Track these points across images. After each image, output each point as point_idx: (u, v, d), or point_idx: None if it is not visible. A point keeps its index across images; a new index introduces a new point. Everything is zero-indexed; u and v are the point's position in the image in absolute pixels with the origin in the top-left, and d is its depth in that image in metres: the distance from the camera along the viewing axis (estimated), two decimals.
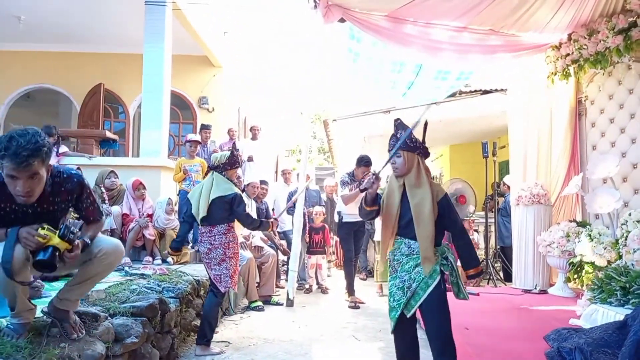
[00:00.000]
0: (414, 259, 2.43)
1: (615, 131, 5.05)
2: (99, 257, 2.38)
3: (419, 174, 2.48)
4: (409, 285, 2.40)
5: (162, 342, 3.24)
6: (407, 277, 2.42)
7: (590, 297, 3.65)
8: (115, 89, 9.11)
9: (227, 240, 3.71)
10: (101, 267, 2.42)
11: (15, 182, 2.03)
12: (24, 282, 2.16)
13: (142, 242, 4.97)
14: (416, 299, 2.39)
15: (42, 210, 2.28)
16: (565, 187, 5.28)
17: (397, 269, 2.48)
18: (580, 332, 2.96)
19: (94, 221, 2.52)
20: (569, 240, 4.87)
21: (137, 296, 3.27)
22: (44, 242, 2.11)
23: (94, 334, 2.55)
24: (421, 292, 2.38)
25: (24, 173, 2.01)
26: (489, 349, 2.96)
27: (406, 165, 2.49)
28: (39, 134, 2.06)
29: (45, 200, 2.27)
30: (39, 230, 2.12)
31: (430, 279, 2.36)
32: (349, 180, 5.68)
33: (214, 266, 3.67)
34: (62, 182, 2.32)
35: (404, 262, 2.46)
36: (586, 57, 4.96)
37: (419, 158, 2.50)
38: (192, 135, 6.23)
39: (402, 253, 2.48)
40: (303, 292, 6.34)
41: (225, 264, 3.66)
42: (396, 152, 2.50)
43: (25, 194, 2.07)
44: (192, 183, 5.59)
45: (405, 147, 2.48)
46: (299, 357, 3.55)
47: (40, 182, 2.13)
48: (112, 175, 5.06)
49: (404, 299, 2.42)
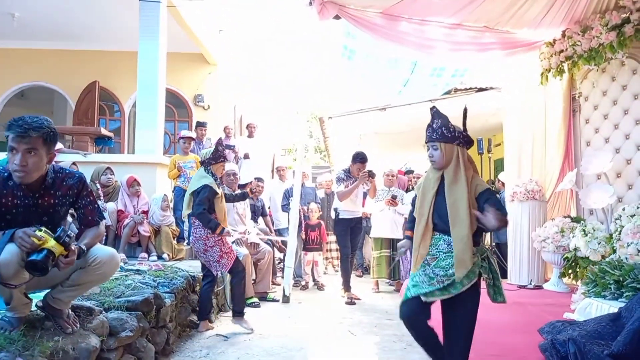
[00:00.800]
0: (452, 257, 2.25)
1: (609, 127, 5.08)
2: (93, 266, 2.36)
3: (457, 167, 2.29)
4: (441, 280, 2.24)
5: (157, 336, 3.24)
6: (442, 273, 2.25)
7: (585, 291, 3.67)
8: (111, 86, 9.08)
9: (205, 232, 4.01)
10: (94, 276, 2.40)
11: (15, 156, 2.11)
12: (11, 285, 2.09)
13: (138, 239, 4.96)
14: (443, 292, 2.24)
15: (42, 203, 2.31)
16: (560, 183, 5.31)
17: (430, 263, 2.32)
18: (574, 324, 2.98)
19: (93, 224, 2.48)
20: (563, 235, 4.90)
21: (132, 291, 3.26)
22: (39, 243, 2.09)
23: (89, 328, 2.54)
24: (453, 289, 2.22)
25: (23, 145, 2.09)
26: (482, 342, 2.96)
27: (444, 157, 2.31)
28: (48, 120, 2.20)
29: (46, 193, 2.30)
30: (36, 232, 2.11)
31: (467, 279, 2.21)
32: (344, 176, 5.69)
33: (201, 254, 4.08)
34: (64, 177, 2.37)
35: (441, 258, 2.29)
36: (580, 53, 4.99)
37: (458, 149, 2.31)
38: (185, 131, 6.22)
39: (439, 250, 2.32)
40: (299, 288, 6.35)
41: (209, 252, 4.03)
42: (432, 144, 2.35)
43: (21, 167, 2.11)
44: (186, 180, 5.57)
45: (442, 137, 2.31)
46: (295, 351, 3.55)
47: (38, 161, 2.16)
48: (108, 171, 5.04)
49: (427, 285, 2.25)
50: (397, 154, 9.98)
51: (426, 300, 2.27)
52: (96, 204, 2.56)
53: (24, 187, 2.26)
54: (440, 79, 6.70)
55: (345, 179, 5.67)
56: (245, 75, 9.48)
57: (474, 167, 2.38)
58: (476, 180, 2.30)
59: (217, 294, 4.69)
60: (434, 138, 2.34)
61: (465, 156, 2.33)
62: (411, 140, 9.00)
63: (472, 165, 2.35)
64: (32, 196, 2.28)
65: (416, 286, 2.31)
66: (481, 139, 6.46)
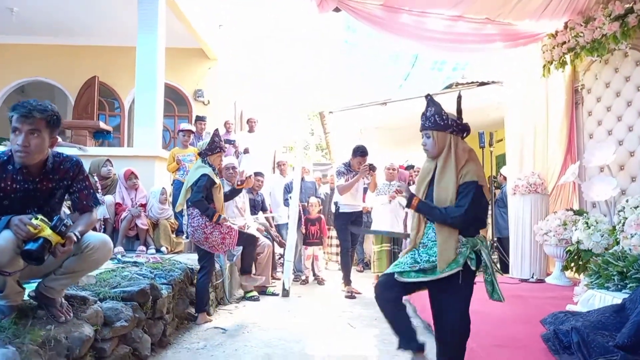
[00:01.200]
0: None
1: (612, 119, 5.02)
2: (86, 253, 2.33)
3: (448, 156, 2.22)
4: (421, 264, 2.20)
5: (153, 328, 3.20)
6: (426, 259, 2.21)
7: (588, 282, 3.62)
8: (110, 82, 9.04)
9: (203, 220, 4.06)
10: (87, 263, 2.37)
11: (17, 137, 2.13)
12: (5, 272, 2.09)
13: (136, 232, 4.93)
14: (419, 274, 2.20)
15: (42, 188, 2.31)
16: (562, 176, 5.25)
17: (419, 249, 2.29)
18: (577, 315, 2.93)
19: (87, 209, 2.46)
20: (565, 228, 4.84)
21: (128, 282, 3.23)
22: (35, 232, 2.05)
23: (82, 317, 2.51)
24: (430, 273, 2.18)
25: (26, 125, 2.12)
26: (483, 333, 2.92)
27: (437, 145, 2.25)
28: (53, 105, 2.25)
29: (45, 177, 2.31)
30: (32, 220, 2.08)
31: (447, 267, 2.13)
32: (344, 170, 5.64)
33: (204, 242, 4.11)
34: (62, 161, 2.38)
35: (430, 245, 2.26)
36: (583, 44, 4.92)
37: (451, 137, 2.23)
38: (185, 124, 6.18)
39: (429, 238, 2.28)
40: (299, 283, 6.31)
41: (211, 238, 4.08)
42: (425, 132, 2.30)
43: (23, 147, 2.13)
44: (185, 173, 5.52)
45: (435, 125, 2.25)
46: (294, 343, 3.51)
47: (40, 143, 2.18)
48: (108, 163, 5.02)
49: (407, 266, 2.22)
50: (397, 149, 9.91)
51: (399, 279, 2.23)
52: (92, 189, 2.54)
53: (24, 172, 2.25)
54: (441, 73, 6.65)
55: (346, 172, 5.62)
56: (245, 70, 9.42)
57: (473, 156, 2.29)
58: (467, 168, 2.21)
59: (216, 287, 4.65)
60: (426, 126, 2.29)
61: (460, 145, 2.26)
62: (412, 135, 8.91)
63: (469, 155, 2.26)
64: (31, 180, 2.28)
65: (396, 265, 2.31)
66: (482, 132, 6.39)
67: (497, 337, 2.80)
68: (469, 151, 2.30)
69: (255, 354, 3.26)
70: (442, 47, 5.63)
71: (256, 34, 9.22)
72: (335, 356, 3.24)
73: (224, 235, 4.12)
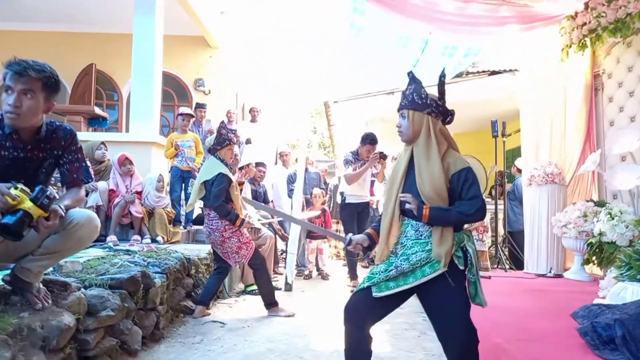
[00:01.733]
0: (421, 244, 1.92)
1: (635, 105, 4.74)
2: (69, 230, 2.07)
3: (428, 140, 1.92)
4: (400, 264, 1.90)
5: (145, 319, 2.93)
6: (403, 259, 1.91)
7: (617, 275, 3.34)
8: (108, 70, 8.78)
9: (222, 224, 3.79)
10: (70, 242, 2.11)
11: (9, 97, 1.96)
12: None
13: (130, 220, 4.66)
14: (398, 282, 1.89)
15: (32, 157, 2.11)
16: (582, 165, 4.96)
17: (397, 252, 1.96)
18: (613, 308, 2.65)
19: (77, 183, 2.23)
20: (586, 220, 4.55)
21: (118, 269, 2.96)
22: (13, 203, 1.81)
23: (63, 305, 2.24)
24: (411, 278, 1.88)
25: (20, 84, 1.94)
26: (509, 328, 2.65)
27: (412, 127, 1.95)
28: (54, 68, 2.07)
29: (37, 146, 2.11)
30: (11, 190, 1.83)
31: (430, 268, 1.86)
32: (352, 159, 5.37)
33: (218, 246, 3.85)
34: (55, 130, 2.18)
35: (408, 245, 1.94)
36: (605, 25, 4.63)
37: (430, 119, 1.94)
38: (184, 108, 5.88)
39: (407, 237, 1.97)
40: (302, 278, 6.03)
41: (227, 244, 3.81)
42: (401, 112, 2.00)
43: (14, 108, 1.94)
44: (184, 159, 5.26)
45: (411, 104, 1.95)
46: (298, 338, 3.24)
47: (33, 106, 1.98)
48: (103, 146, 4.75)
49: (382, 274, 1.91)
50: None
51: (377, 295, 1.92)
52: (84, 162, 2.31)
53: (14, 138, 2.03)
54: (452, 59, 6.37)
55: (354, 161, 5.35)
56: (248, 60, 9.12)
57: (452, 143, 1.99)
58: (450, 156, 1.94)
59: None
60: (402, 105, 1.99)
61: (439, 129, 1.96)
62: None
63: (448, 142, 1.98)
64: (22, 148, 2.07)
65: (371, 277, 1.97)
66: (495, 121, 6.11)
67: (524, 331, 2.53)
68: (449, 137, 1.99)
69: (256, 349, 2.99)
70: (454, 29, 5.36)
71: (260, 20, 8.93)
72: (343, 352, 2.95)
73: (241, 245, 3.84)
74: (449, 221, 1.89)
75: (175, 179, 5.28)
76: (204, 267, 4.25)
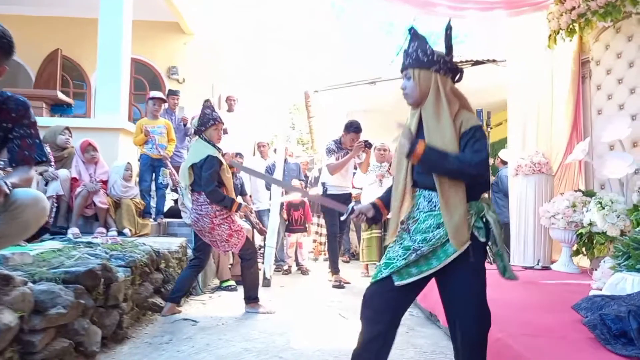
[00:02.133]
0: (435, 217, 1.72)
1: (624, 92, 4.61)
2: (12, 212, 1.80)
3: (437, 101, 1.74)
4: (419, 247, 1.70)
5: (105, 318, 2.61)
6: (421, 238, 1.71)
7: (614, 265, 3.17)
8: (76, 56, 8.29)
9: (213, 210, 3.51)
10: (13, 226, 1.83)
11: None
12: None
13: (94, 212, 4.30)
14: (421, 267, 1.70)
15: None
16: (569, 155, 4.83)
17: (410, 228, 1.77)
18: (617, 299, 2.46)
19: (27, 161, 1.97)
20: (575, 210, 4.41)
21: (75, 262, 2.63)
22: None
23: (4, 302, 1.92)
24: (434, 261, 1.69)
25: None
26: (508, 322, 2.44)
27: (418, 88, 1.77)
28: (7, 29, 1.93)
29: None
30: None
31: (452, 246, 1.66)
32: (335, 148, 5.13)
33: (206, 234, 3.57)
34: (6, 100, 1.96)
35: (421, 219, 1.76)
36: (594, 9, 4.49)
37: (438, 77, 1.76)
38: (155, 92, 5.51)
39: (420, 209, 1.78)
40: (281, 273, 5.76)
41: (216, 231, 3.53)
42: (405, 72, 1.81)
43: None
44: (154, 147, 4.90)
45: (416, 62, 1.77)
46: (277, 336, 2.97)
47: None
48: (67, 132, 4.37)
49: (401, 260, 1.70)
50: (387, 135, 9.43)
51: (400, 284, 1.71)
52: (38, 139, 2.04)
53: None
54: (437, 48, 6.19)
55: (337, 150, 5.11)
56: (224, 46, 8.73)
57: (464, 102, 1.79)
58: (463, 115, 1.75)
59: None
60: (406, 64, 1.80)
61: (449, 88, 1.78)
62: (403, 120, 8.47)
63: (459, 101, 1.79)
64: None
65: (389, 263, 1.74)
66: (481, 110, 5.92)
67: (526, 326, 2.32)
68: (461, 97, 1.80)
69: (231, 348, 2.71)
70: (440, 13, 5.17)
71: (237, 6, 8.58)
72: (327, 350, 2.71)
73: (232, 233, 3.55)
74: (444, 167, 1.68)
75: (145, 167, 4.93)
76: (175, 261, 3.94)
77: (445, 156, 1.68)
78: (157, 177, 4.98)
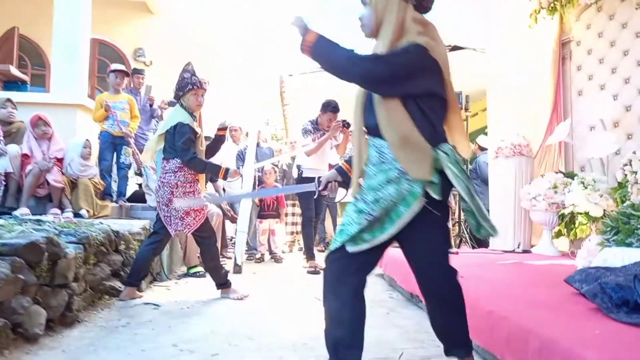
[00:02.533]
0: (384, 171, 1.52)
1: (606, 72, 4.53)
2: None
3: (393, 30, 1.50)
4: (370, 210, 1.49)
5: (51, 298, 2.30)
6: (372, 199, 1.50)
7: (602, 240, 3.05)
8: (34, 35, 7.77)
9: (176, 179, 3.22)
10: None
11: None
12: None
13: (48, 191, 3.94)
14: (374, 232, 1.50)
15: None
16: (550, 136, 4.73)
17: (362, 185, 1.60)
18: (612, 270, 2.31)
19: None
20: (556, 191, 4.31)
21: (17, 234, 2.31)
22: None
23: None
24: (388, 225, 1.50)
25: None
26: (498, 295, 2.26)
27: (375, 15, 1.55)
28: None
29: None
30: None
31: (404, 205, 1.47)
32: (312, 128, 4.90)
33: (162, 207, 3.24)
34: None
35: (370, 173, 1.56)
36: None
37: (398, 3, 1.52)
38: (117, 64, 5.13)
39: (371, 162, 1.57)
40: (253, 262, 5.48)
41: (171, 204, 3.19)
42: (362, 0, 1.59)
43: None
44: (116, 123, 4.54)
45: None
46: (248, 319, 2.72)
47: None
48: (9, 104, 3.98)
49: (355, 226, 1.50)
50: None
51: (352, 250, 1.52)
52: None
53: None
54: None
55: (313, 131, 4.87)
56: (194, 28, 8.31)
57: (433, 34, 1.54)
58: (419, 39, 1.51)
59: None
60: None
61: (411, 15, 1.53)
62: None
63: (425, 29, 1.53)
64: None
65: (342, 230, 1.55)
66: (460, 92, 5.80)
67: (519, 300, 2.13)
68: (427, 25, 1.56)
69: (195, 331, 2.44)
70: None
71: None
72: (302, 332, 2.47)
73: (189, 211, 3.21)
74: (331, 59, 1.52)
75: (106, 145, 4.57)
76: (136, 243, 3.61)
77: (337, 47, 1.51)
78: (119, 157, 4.62)
